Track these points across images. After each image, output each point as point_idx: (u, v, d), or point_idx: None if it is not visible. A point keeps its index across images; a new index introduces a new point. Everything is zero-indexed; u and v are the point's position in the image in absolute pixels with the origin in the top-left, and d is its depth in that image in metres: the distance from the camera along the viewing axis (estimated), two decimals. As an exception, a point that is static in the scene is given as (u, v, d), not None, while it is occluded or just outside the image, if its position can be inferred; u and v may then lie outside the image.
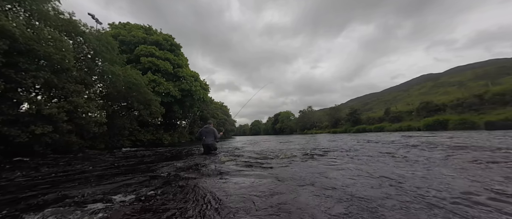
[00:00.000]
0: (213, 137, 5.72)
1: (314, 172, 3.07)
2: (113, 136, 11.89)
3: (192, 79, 21.90)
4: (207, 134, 5.72)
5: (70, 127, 8.12)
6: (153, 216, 1.68)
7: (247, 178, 2.82)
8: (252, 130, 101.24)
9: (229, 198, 2.02)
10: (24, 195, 2.35)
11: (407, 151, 4.87)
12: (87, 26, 9.84)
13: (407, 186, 2.18)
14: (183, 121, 26.89)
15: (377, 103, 72.73)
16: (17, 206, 1.99)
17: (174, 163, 4.47)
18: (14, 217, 1.71)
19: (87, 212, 1.75)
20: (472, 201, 1.70)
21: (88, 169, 4.19)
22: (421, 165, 3.20)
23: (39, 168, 4.37)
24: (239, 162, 4.24)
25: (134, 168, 4.15)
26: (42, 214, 1.73)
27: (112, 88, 11.17)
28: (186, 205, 1.87)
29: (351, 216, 1.51)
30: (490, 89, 19.60)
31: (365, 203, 1.73)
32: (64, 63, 8.11)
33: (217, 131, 5.88)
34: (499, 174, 2.51)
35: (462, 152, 4.33)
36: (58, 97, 8.59)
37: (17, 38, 6.58)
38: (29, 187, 2.75)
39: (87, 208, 1.84)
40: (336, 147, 6.92)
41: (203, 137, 5.75)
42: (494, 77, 37.42)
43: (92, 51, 10.13)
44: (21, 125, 6.98)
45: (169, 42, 21.14)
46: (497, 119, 14.30)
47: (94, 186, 2.69)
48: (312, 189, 2.20)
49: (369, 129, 28.86)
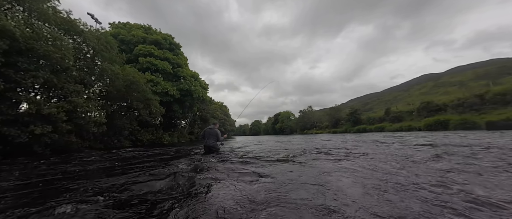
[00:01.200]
0: (215, 138, 5.70)
1: (312, 172, 3.04)
2: (112, 136, 11.86)
3: (191, 79, 21.88)
4: (209, 135, 5.71)
5: (70, 127, 8.10)
6: (154, 216, 1.64)
7: (247, 179, 2.79)
8: (252, 130, 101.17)
9: (229, 198, 1.98)
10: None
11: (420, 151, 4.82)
12: (86, 26, 9.81)
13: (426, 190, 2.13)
14: (183, 121, 26.86)
15: (377, 104, 72.66)
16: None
17: (174, 162, 4.44)
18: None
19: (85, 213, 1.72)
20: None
21: (88, 169, 4.16)
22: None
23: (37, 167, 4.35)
24: (238, 163, 4.21)
25: (134, 168, 4.12)
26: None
27: (111, 87, 11.14)
28: (187, 205, 1.84)
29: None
30: (491, 89, 19.54)
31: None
32: (63, 62, 8.09)
33: (220, 133, 5.84)
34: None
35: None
36: (57, 97, 8.56)
37: (17, 38, 6.55)
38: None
39: (86, 209, 1.81)
40: (335, 146, 6.87)
41: (205, 138, 5.76)
42: (495, 77, 37.36)
43: (91, 51, 10.11)
44: (21, 124, 6.95)
45: (168, 42, 21.11)
46: (498, 118, 14.25)
47: (93, 186, 2.66)
48: (311, 189, 2.17)
49: (369, 129, 28.80)
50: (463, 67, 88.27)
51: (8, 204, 2.10)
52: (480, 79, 40.89)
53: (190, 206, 1.86)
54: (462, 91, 25.90)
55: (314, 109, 63.47)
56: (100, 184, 2.78)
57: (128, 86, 11.86)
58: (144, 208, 1.85)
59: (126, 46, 18.81)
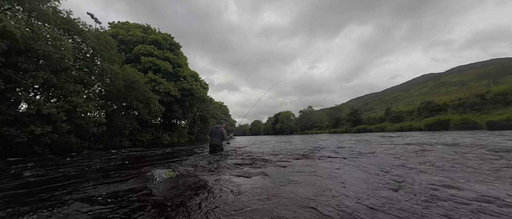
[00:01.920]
0: (220, 137, 5.87)
1: (309, 171, 3.02)
2: (112, 136, 11.86)
3: (192, 79, 21.88)
4: (215, 134, 5.90)
5: (69, 127, 8.10)
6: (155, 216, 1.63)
7: (246, 179, 2.77)
8: (252, 130, 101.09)
9: (229, 198, 1.96)
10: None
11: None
12: (86, 25, 9.80)
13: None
14: (183, 121, 26.84)
15: (377, 103, 72.56)
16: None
17: (176, 162, 4.44)
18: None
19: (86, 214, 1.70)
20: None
21: (87, 170, 4.15)
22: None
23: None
24: (240, 163, 4.19)
25: (134, 168, 4.10)
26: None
27: (111, 87, 11.13)
28: (188, 205, 1.82)
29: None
30: (492, 89, 19.48)
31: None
32: (63, 62, 8.09)
33: (226, 133, 6.01)
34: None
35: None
36: (57, 97, 8.56)
37: (17, 38, 6.55)
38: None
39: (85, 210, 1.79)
40: (335, 146, 6.85)
41: (212, 136, 5.96)
42: (496, 77, 37.27)
43: (91, 50, 10.10)
44: (20, 124, 6.96)
45: (168, 42, 21.11)
46: (499, 119, 14.19)
47: (93, 186, 2.64)
48: (309, 189, 2.15)
49: (369, 129, 28.76)
50: (464, 67, 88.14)
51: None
52: (480, 79, 40.81)
53: (190, 205, 1.84)
54: (463, 91, 25.82)
55: (314, 109, 63.43)
56: (99, 184, 2.77)
57: (128, 86, 11.86)
58: (142, 207, 1.84)
59: (125, 46, 18.82)
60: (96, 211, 1.80)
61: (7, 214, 1.80)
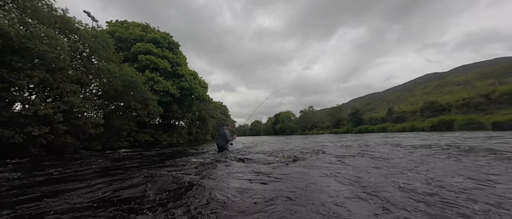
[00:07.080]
0: (224, 138, 6.61)
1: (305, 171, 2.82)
2: (110, 136, 11.73)
3: (191, 77, 21.73)
4: (220, 135, 6.75)
5: (66, 128, 7.97)
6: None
7: (246, 180, 2.59)
8: (252, 130, 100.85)
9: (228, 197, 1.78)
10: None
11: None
12: (82, 24, 9.65)
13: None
14: (182, 121, 26.67)
15: (379, 103, 71.94)
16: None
17: (177, 162, 4.34)
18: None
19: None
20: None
21: (87, 171, 3.98)
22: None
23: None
24: (238, 163, 4.02)
25: (134, 168, 3.94)
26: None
27: (109, 87, 10.99)
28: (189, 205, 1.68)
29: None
30: (497, 89, 19.06)
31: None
32: (59, 62, 7.95)
33: (229, 134, 6.71)
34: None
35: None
36: (53, 97, 8.43)
37: (12, 36, 6.41)
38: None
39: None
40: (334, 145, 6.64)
41: (218, 138, 6.82)
42: (501, 76, 36.62)
43: (87, 49, 9.96)
44: (15, 125, 6.83)
45: (167, 40, 20.92)
46: (505, 119, 13.83)
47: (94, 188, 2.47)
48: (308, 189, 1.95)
49: (371, 129, 28.42)
50: (468, 66, 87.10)
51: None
52: (485, 79, 40.18)
53: (190, 206, 1.68)
54: (467, 90, 25.35)
55: (315, 109, 63.02)
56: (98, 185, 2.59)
57: (126, 85, 11.71)
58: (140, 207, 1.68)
59: (123, 44, 18.63)
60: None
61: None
